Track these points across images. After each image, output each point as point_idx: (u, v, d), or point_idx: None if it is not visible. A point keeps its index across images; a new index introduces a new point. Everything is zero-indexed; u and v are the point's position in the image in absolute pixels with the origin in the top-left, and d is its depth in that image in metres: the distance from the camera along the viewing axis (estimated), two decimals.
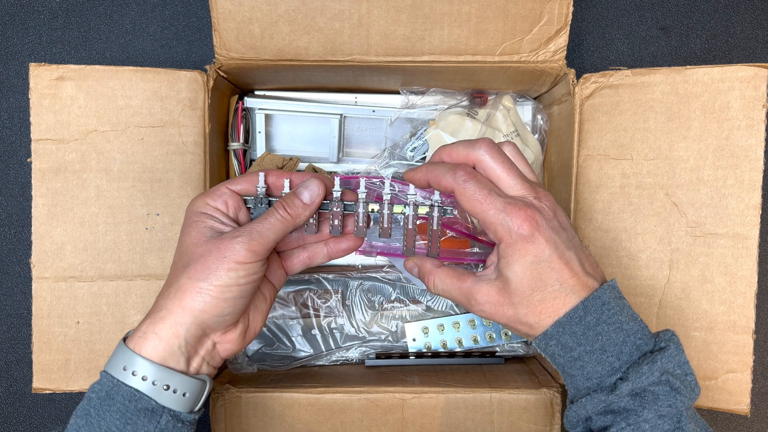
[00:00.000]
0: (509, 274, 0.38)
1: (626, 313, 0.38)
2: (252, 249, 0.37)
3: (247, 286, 0.38)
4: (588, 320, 0.37)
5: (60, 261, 0.49)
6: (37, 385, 0.49)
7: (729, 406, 0.47)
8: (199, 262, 0.37)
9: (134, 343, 0.37)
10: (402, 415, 0.51)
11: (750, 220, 0.47)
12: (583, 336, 0.37)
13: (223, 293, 0.37)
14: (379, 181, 0.59)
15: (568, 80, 0.51)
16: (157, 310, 0.38)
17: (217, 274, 0.37)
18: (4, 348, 0.65)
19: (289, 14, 0.49)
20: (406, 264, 0.46)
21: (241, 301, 0.38)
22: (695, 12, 0.66)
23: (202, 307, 0.37)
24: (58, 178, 0.49)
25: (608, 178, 0.50)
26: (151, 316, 0.38)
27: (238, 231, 0.38)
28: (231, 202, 0.41)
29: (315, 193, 0.40)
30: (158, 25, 0.65)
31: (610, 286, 0.38)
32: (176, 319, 0.37)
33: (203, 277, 0.37)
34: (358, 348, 0.60)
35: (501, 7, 0.49)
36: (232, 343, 0.40)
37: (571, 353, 0.38)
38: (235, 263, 0.37)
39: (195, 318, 0.37)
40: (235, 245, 0.37)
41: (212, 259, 0.37)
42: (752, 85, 0.46)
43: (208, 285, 0.37)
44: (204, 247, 0.38)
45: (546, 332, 0.38)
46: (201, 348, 0.39)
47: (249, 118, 0.59)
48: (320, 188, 0.40)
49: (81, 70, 0.49)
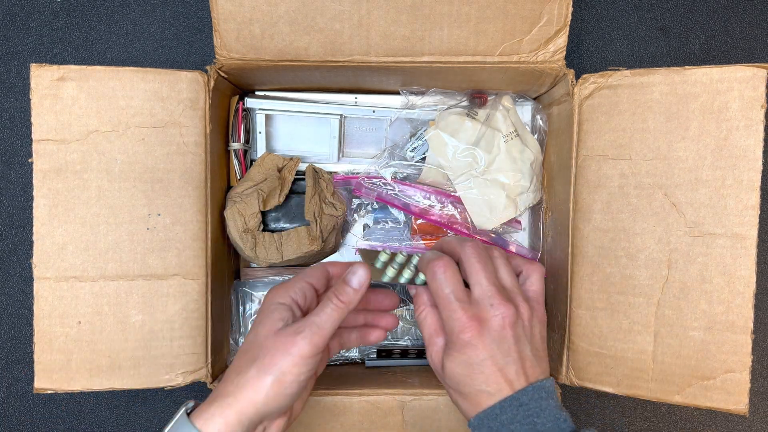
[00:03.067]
0: (446, 363, 0.43)
1: (546, 414, 0.41)
2: (314, 342, 0.40)
3: (306, 380, 0.41)
4: (503, 418, 0.41)
5: (61, 261, 0.49)
6: (39, 385, 0.49)
7: (727, 406, 0.47)
8: (267, 357, 0.40)
9: (200, 423, 0.40)
10: (402, 418, 0.51)
11: (748, 220, 0.47)
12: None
13: (286, 389, 0.40)
14: (379, 181, 0.60)
15: (568, 81, 0.51)
16: (224, 396, 0.40)
17: (283, 370, 0.40)
18: (5, 348, 0.65)
19: (289, 15, 0.49)
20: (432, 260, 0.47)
21: (298, 395, 0.41)
22: (694, 12, 0.66)
23: (265, 400, 0.40)
24: (59, 178, 0.49)
25: (607, 178, 0.50)
26: (219, 400, 0.40)
27: (300, 326, 0.41)
28: (308, 294, 0.45)
29: (362, 277, 0.43)
30: (159, 25, 0.65)
31: (534, 387, 0.42)
32: (242, 408, 0.39)
33: (270, 372, 0.40)
34: (357, 348, 0.60)
35: (501, 8, 0.49)
36: (279, 428, 0.43)
37: None
38: (300, 358, 0.40)
39: (257, 410, 0.40)
40: (299, 341, 0.40)
41: (279, 354, 0.40)
42: (751, 86, 0.46)
43: (274, 380, 0.39)
44: (272, 341, 0.41)
45: (470, 422, 0.43)
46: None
47: (249, 119, 0.59)
48: (366, 272, 0.43)
49: (82, 71, 0.49)
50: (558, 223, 0.56)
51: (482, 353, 0.41)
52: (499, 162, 0.58)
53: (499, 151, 0.58)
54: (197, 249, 0.51)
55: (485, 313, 0.42)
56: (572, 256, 0.51)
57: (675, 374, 0.48)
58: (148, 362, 0.50)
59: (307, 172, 0.58)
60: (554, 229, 0.57)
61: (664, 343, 0.49)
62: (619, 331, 0.50)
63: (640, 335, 0.49)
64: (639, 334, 0.49)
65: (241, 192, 0.56)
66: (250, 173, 0.58)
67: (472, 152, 0.58)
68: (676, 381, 0.48)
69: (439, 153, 0.58)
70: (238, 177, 0.58)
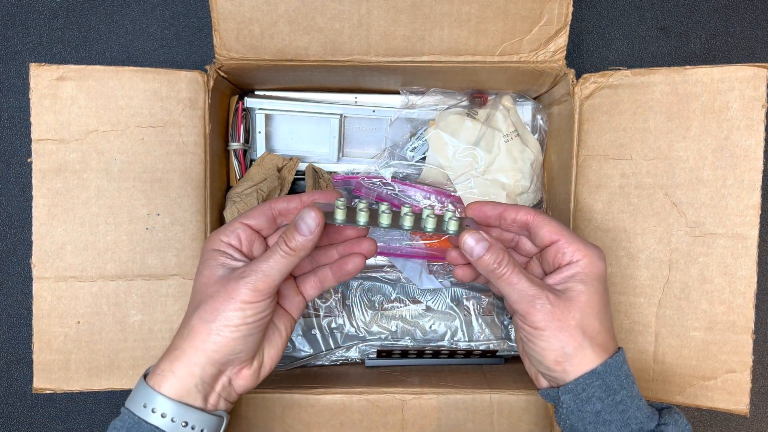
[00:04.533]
0: (584, 291, 0.40)
1: None
2: (257, 288, 0.38)
3: (255, 324, 0.39)
4: (625, 369, 0.40)
5: (60, 261, 0.49)
6: (38, 385, 0.49)
7: (728, 406, 0.47)
8: (208, 303, 0.39)
9: (153, 381, 0.39)
10: (402, 416, 0.51)
11: (749, 220, 0.47)
12: (626, 379, 0.40)
13: (232, 333, 0.38)
14: (379, 180, 0.59)
15: (568, 80, 0.51)
16: (173, 349, 0.39)
17: (225, 315, 0.38)
18: (4, 348, 0.65)
19: (289, 14, 0.49)
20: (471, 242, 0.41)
21: (251, 338, 0.40)
22: (695, 12, 0.66)
23: (213, 347, 0.38)
24: (58, 178, 0.49)
25: (608, 178, 0.50)
26: (168, 355, 0.39)
27: (244, 270, 0.39)
28: (244, 236, 0.42)
29: (312, 223, 0.39)
30: (158, 25, 0.65)
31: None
32: (191, 359, 0.39)
33: (212, 318, 0.38)
34: (357, 347, 0.60)
35: (501, 8, 0.49)
36: (247, 380, 0.41)
37: (614, 396, 0.39)
38: (242, 303, 0.38)
39: (208, 357, 0.39)
40: (241, 286, 0.38)
41: (220, 299, 0.38)
42: (752, 85, 0.46)
43: (218, 325, 0.38)
44: (213, 288, 0.39)
45: (594, 370, 0.39)
46: (217, 385, 0.40)
47: (249, 118, 0.59)
48: (316, 217, 0.39)
49: (81, 71, 0.49)
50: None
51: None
52: (500, 162, 0.58)
53: (500, 150, 0.58)
54: (196, 249, 0.51)
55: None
56: None
57: (676, 374, 0.48)
58: (147, 362, 0.50)
59: (306, 172, 0.58)
60: None
61: (664, 343, 0.48)
62: (620, 331, 0.50)
63: (640, 335, 0.49)
64: (640, 334, 0.49)
65: (240, 192, 0.56)
66: (249, 173, 0.58)
67: (472, 152, 0.58)
68: (676, 381, 0.48)
69: (439, 153, 0.58)
70: (238, 177, 0.58)
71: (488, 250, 0.40)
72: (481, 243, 0.40)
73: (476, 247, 0.40)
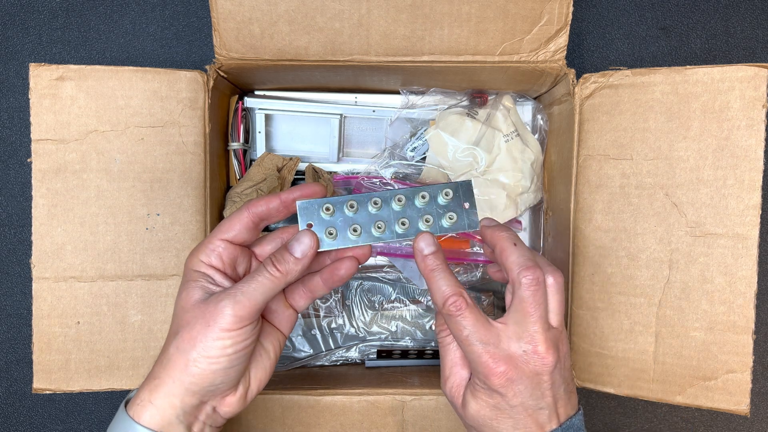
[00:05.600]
0: (470, 402, 0.39)
1: None
2: (238, 314, 0.35)
3: (237, 354, 0.36)
4: None
5: (60, 261, 0.49)
6: (38, 386, 0.49)
7: (729, 406, 0.47)
8: (185, 330, 0.36)
9: (134, 411, 0.37)
10: (402, 417, 0.51)
11: (750, 220, 0.47)
12: None
13: (211, 365, 0.36)
14: (379, 180, 0.59)
15: (568, 80, 0.51)
16: (152, 377, 0.37)
17: (203, 345, 0.35)
18: (4, 348, 0.65)
19: (289, 14, 0.49)
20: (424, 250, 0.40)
21: (233, 370, 0.37)
22: (695, 12, 0.66)
23: (191, 379, 0.36)
24: (58, 178, 0.49)
25: (608, 178, 0.50)
26: (148, 383, 0.37)
27: (223, 294, 0.36)
28: (225, 254, 0.39)
29: (307, 246, 0.37)
30: (158, 25, 0.65)
31: (563, 428, 0.39)
32: (169, 389, 0.36)
33: (189, 348, 0.36)
34: (357, 348, 0.60)
35: (501, 7, 0.49)
36: (232, 406, 0.39)
37: None
38: (221, 331, 0.35)
39: (186, 389, 0.36)
40: (220, 311, 0.35)
41: (198, 327, 0.36)
42: (752, 85, 0.46)
43: (195, 356, 0.35)
44: (191, 313, 0.36)
45: None
46: (200, 414, 0.38)
47: (249, 118, 0.59)
48: (313, 241, 0.38)
49: (81, 70, 0.49)
50: (559, 223, 0.56)
51: (513, 400, 0.37)
52: (500, 162, 0.58)
53: (500, 150, 0.58)
54: None
55: (519, 359, 0.37)
56: (573, 257, 0.51)
57: (676, 375, 0.48)
58: (147, 363, 0.50)
59: (306, 172, 0.58)
60: (555, 229, 0.57)
61: (665, 344, 0.48)
62: (620, 332, 0.50)
63: (641, 336, 0.49)
64: (640, 334, 0.49)
65: (240, 192, 0.56)
66: (249, 173, 0.58)
67: (472, 152, 0.58)
68: (677, 381, 0.48)
69: (439, 153, 0.58)
70: (238, 177, 0.58)
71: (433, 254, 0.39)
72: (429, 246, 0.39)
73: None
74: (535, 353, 0.37)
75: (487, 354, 0.37)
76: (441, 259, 0.39)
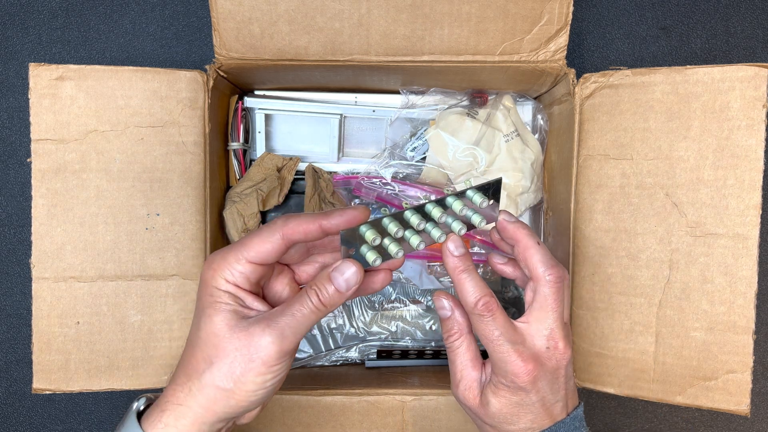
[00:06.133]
0: (492, 400, 0.40)
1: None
2: (283, 348, 0.34)
3: (274, 385, 0.36)
4: None
5: (60, 261, 0.49)
6: (37, 386, 0.49)
7: (729, 406, 0.47)
8: (224, 363, 0.35)
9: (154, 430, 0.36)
10: (402, 417, 0.51)
11: (750, 221, 0.47)
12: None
13: (249, 397, 0.35)
14: (379, 180, 0.59)
15: (569, 80, 0.51)
16: (177, 403, 0.35)
17: (244, 380, 0.34)
18: (3, 348, 0.65)
19: (288, 14, 0.49)
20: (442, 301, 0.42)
21: (267, 397, 0.37)
22: (696, 12, 0.65)
23: (227, 410, 0.35)
24: (57, 178, 0.49)
25: (608, 178, 0.50)
26: (171, 409, 0.36)
27: (264, 325, 0.35)
28: (253, 276, 0.37)
29: (352, 281, 0.36)
30: (158, 24, 0.64)
31: (571, 418, 0.41)
32: (197, 417, 0.35)
33: (229, 383, 0.34)
34: (357, 348, 0.60)
35: (501, 7, 0.49)
36: (249, 418, 0.39)
37: None
38: (264, 366, 0.34)
39: (219, 417, 0.36)
40: (265, 347, 0.34)
41: (239, 361, 0.34)
42: (752, 85, 0.46)
43: (235, 390, 0.35)
44: (228, 342, 0.35)
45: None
46: (222, 430, 0.38)
47: (249, 118, 0.59)
48: (358, 275, 0.36)
49: (81, 70, 0.49)
50: (559, 224, 0.55)
51: (535, 396, 0.39)
52: (500, 162, 0.58)
53: (500, 150, 0.58)
54: (196, 249, 0.51)
55: (543, 355, 0.39)
56: (573, 257, 0.51)
57: (676, 375, 0.48)
58: (146, 363, 0.50)
59: (306, 172, 0.58)
60: (555, 229, 0.57)
61: (665, 344, 0.48)
62: (621, 332, 0.50)
63: (641, 336, 0.49)
64: (640, 334, 0.49)
65: (240, 192, 0.56)
66: (249, 173, 0.58)
67: (472, 152, 0.58)
68: (677, 381, 0.48)
69: (439, 153, 0.58)
70: (238, 177, 0.58)
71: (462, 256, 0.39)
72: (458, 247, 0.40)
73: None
74: (556, 349, 0.39)
75: (516, 353, 0.38)
76: (470, 261, 0.40)
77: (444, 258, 0.40)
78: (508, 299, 0.62)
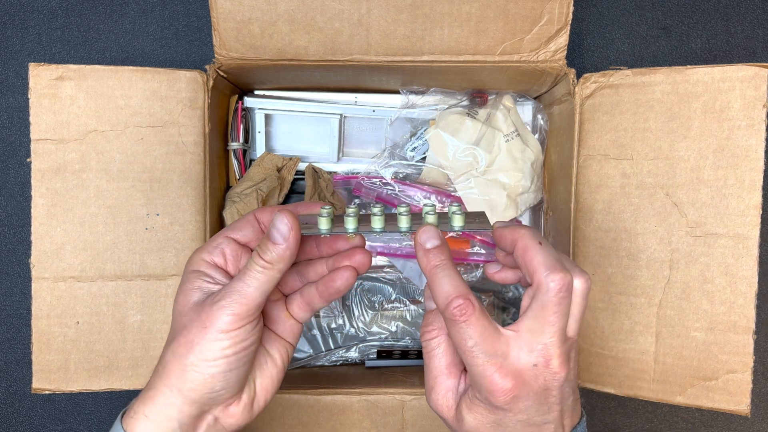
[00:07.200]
0: (466, 415, 0.35)
1: None
2: (236, 313, 0.33)
3: (236, 356, 0.34)
4: None
5: (59, 261, 0.49)
6: (37, 386, 0.49)
7: (729, 406, 0.47)
8: (181, 335, 0.34)
9: (128, 424, 0.34)
10: (402, 417, 0.51)
11: (750, 220, 0.46)
12: None
13: (209, 368, 0.33)
14: (379, 180, 0.59)
15: (569, 80, 0.51)
16: (147, 389, 0.35)
17: (200, 348, 0.33)
18: (3, 348, 0.65)
19: (288, 14, 0.49)
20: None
21: (233, 374, 0.34)
22: (696, 12, 0.65)
23: (190, 385, 0.34)
24: (57, 178, 0.49)
25: (608, 178, 0.50)
26: (143, 394, 0.35)
27: (219, 294, 0.34)
28: (229, 251, 0.37)
29: (285, 229, 0.34)
30: (158, 24, 0.64)
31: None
32: (165, 399, 0.34)
33: (186, 352, 0.34)
34: (357, 348, 0.60)
35: (501, 7, 0.49)
36: (237, 417, 0.36)
37: None
38: (219, 332, 0.33)
39: (185, 397, 0.34)
40: (216, 312, 0.33)
41: (195, 330, 0.34)
42: (753, 85, 0.46)
43: (193, 360, 0.33)
44: (187, 316, 0.35)
45: None
46: (201, 425, 0.36)
47: (249, 118, 0.59)
48: (289, 222, 0.34)
49: (80, 70, 0.49)
50: (559, 223, 0.55)
51: (514, 417, 0.34)
52: (500, 162, 0.58)
53: (500, 150, 0.58)
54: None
55: (527, 373, 0.33)
56: (573, 257, 0.51)
57: (677, 375, 0.48)
58: (146, 363, 0.50)
59: (306, 172, 0.58)
60: (555, 229, 0.57)
61: (665, 344, 0.48)
62: (621, 332, 0.50)
63: (641, 336, 0.49)
64: (640, 334, 0.49)
65: (240, 192, 0.56)
66: (249, 173, 0.58)
67: (472, 152, 0.58)
68: (677, 382, 0.48)
69: (439, 153, 0.58)
70: (237, 177, 0.58)
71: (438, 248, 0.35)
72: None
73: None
74: (546, 367, 0.33)
75: (492, 368, 0.33)
76: (446, 255, 0.35)
77: (416, 251, 0.36)
78: (508, 299, 0.62)
